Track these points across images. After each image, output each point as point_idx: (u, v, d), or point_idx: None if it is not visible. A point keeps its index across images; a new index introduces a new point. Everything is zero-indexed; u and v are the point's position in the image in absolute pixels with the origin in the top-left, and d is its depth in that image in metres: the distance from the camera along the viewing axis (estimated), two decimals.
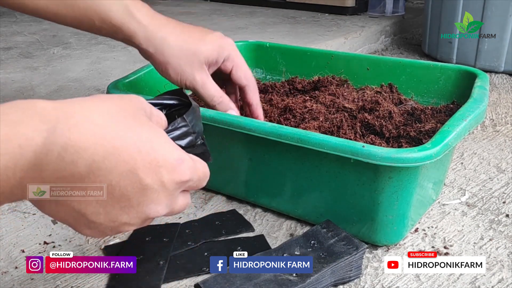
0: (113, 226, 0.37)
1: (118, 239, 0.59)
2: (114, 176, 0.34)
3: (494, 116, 0.98)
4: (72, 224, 0.37)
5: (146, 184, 0.35)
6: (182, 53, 0.55)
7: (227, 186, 0.67)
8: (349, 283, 0.51)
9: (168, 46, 0.55)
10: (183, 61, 0.55)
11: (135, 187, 0.35)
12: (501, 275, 0.52)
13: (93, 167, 0.33)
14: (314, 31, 1.48)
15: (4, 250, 0.57)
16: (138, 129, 0.35)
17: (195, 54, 0.55)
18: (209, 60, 0.57)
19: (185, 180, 0.37)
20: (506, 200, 0.67)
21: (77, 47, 1.27)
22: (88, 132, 0.32)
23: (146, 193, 0.36)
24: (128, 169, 0.34)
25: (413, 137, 0.60)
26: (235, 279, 0.48)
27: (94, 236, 0.38)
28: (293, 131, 0.53)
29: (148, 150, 0.35)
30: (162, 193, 0.37)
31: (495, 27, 1.20)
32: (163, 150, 0.36)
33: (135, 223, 0.38)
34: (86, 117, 0.33)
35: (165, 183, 0.36)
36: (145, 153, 0.35)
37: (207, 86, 0.57)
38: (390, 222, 0.54)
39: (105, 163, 0.33)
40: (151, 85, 0.77)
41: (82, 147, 0.32)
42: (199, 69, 0.56)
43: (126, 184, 0.35)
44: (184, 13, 1.84)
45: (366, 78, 0.79)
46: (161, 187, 0.36)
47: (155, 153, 0.35)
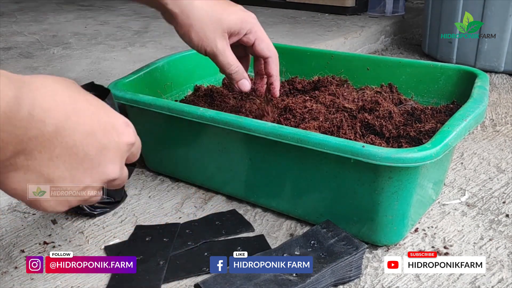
0: (77, 191, 0.39)
1: (118, 239, 0.59)
2: (77, 136, 0.37)
3: (494, 116, 0.98)
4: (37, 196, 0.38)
5: (104, 144, 0.39)
6: (207, 18, 0.56)
7: (227, 186, 0.67)
8: (349, 283, 0.51)
9: (194, 9, 0.55)
10: (207, 27, 0.56)
11: (96, 147, 0.39)
12: (501, 275, 0.52)
13: (59, 126, 0.36)
14: (314, 31, 1.48)
15: (4, 250, 0.57)
16: (88, 97, 0.39)
17: (219, 21, 0.56)
18: (231, 31, 0.57)
19: (132, 142, 0.41)
20: (506, 200, 0.67)
21: (77, 47, 1.27)
22: (49, 95, 0.36)
23: (105, 153, 0.39)
24: (88, 131, 0.38)
25: (413, 137, 0.60)
26: (235, 279, 0.48)
27: (56, 209, 0.40)
28: (293, 131, 0.53)
29: (102, 114, 0.39)
30: (117, 152, 0.40)
31: (495, 27, 1.20)
32: (113, 115, 0.40)
33: (96, 186, 0.40)
34: (45, 84, 0.36)
35: (119, 144, 0.40)
36: (99, 116, 0.39)
37: (226, 53, 0.58)
38: (390, 222, 0.54)
39: (69, 123, 0.37)
40: (151, 85, 0.77)
41: (47, 107, 0.35)
42: (221, 37, 0.57)
43: (88, 144, 0.38)
44: None
45: (366, 78, 0.79)
46: (116, 147, 0.40)
47: (107, 116, 0.40)
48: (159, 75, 0.79)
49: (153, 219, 0.63)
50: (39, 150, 0.36)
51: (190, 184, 0.72)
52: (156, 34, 1.43)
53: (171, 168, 0.73)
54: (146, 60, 1.01)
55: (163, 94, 0.78)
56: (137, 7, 1.95)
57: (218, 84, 0.87)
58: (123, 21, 1.66)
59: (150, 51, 1.23)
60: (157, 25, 1.58)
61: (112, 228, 0.62)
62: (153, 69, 0.78)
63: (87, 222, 0.63)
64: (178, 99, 0.81)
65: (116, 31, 1.49)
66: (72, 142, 0.37)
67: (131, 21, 1.66)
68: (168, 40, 1.35)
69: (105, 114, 0.40)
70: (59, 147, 0.37)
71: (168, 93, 0.80)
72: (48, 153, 0.37)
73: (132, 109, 0.69)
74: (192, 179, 0.71)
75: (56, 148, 0.37)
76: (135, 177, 0.75)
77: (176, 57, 0.82)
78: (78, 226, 0.62)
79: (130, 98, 0.66)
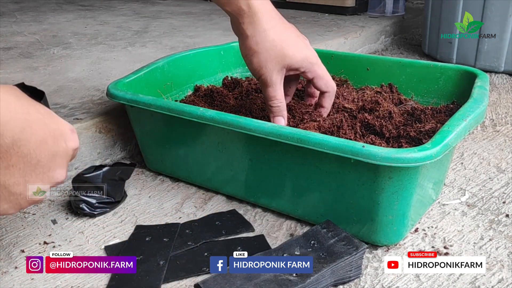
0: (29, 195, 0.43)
1: (118, 239, 0.59)
2: (31, 145, 0.41)
3: (494, 116, 0.98)
4: None
5: (55, 150, 0.43)
6: (273, 52, 0.58)
7: (227, 186, 0.67)
8: (349, 283, 0.51)
9: (265, 39, 0.58)
10: (270, 58, 0.58)
11: (47, 154, 0.42)
12: (501, 275, 0.52)
13: (15, 138, 0.40)
14: (314, 31, 1.48)
15: (4, 250, 0.57)
16: (36, 105, 0.42)
17: (283, 57, 0.58)
18: (291, 67, 0.60)
19: (76, 146, 0.45)
20: (506, 200, 0.67)
21: (77, 47, 1.27)
22: (3, 108, 0.39)
23: (55, 159, 0.43)
24: (40, 139, 0.41)
25: (413, 137, 0.60)
26: (235, 279, 0.48)
27: (8, 212, 0.43)
28: (293, 131, 0.53)
29: (50, 122, 0.43)
30: (65, 158, 0.45)
31: (495, 27, 1.20)
32: (60, 122, 0.44)
33: (45, 189, 0.44)
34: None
35: (67, 149, 0.44)
36: (49, 124, 0.42)
37: (277, 87, 0.60)
38: (390, 222, 0.54)
39: (24, 134, 0.40)
40: (151, 85, 0.77)
41: (4, 120, 0.38)
42: (279, 71, 0.59)
43: (41, 152, 0.42)
44: (184, 13, 1.84)
45: (366, 78, 0.79)
46: (64, 153, 0.44)
47: (55, 124, 0.43)
48: (159, 75, 0.79)
49: (153, 219, 0.63)
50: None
51: (190, 184, 0.72)
52: (156, 34, 1.43)
53: (171, 168, 0.73)
54: (146, 60, 1.01)
55: (163, 94, 0.78)
56: (137, 7, 1.95)
57: (218, 84, 0.87)
58: (123, 21, 1.66)
59: (150, 51, 1.23)
60: (157, 25, 1.58)
61: (112, 228, 0.62)
62: (153, 69, 0.78)
63: (87, 222, 0.63)
64: (178, 99, 0.81)
65: (116, 31, 1.49)
66: (27, 151, 0.41)
67: (131, 21, 1.66)
68: (168, 40, 1.35)
69: (53, 122, 0.43)
70: (15, 156, 0.40)
71: (168, 93, 0.80)
72: (5, 162, 0.40)
73: (132, 109, 0.69)
74: (192, 179, 0.71)
75: (12, 158, 0.40)
76: (135, 177, 0.75)
77: (176, 57, 0.82)
78: (78, 226, 0.62)
79: (130, 98, 0.66)
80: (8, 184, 0.41)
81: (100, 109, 0.80)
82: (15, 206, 0.43)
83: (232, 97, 0.78)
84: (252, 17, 0.58)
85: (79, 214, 0.64)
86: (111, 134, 0.79)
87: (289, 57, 0.58)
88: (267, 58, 0.58)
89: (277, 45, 0.58)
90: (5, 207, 0.43)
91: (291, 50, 0.58)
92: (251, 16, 0.58)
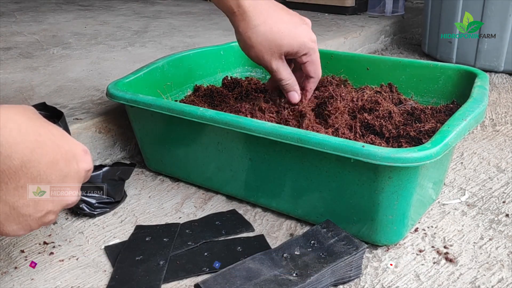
0: (39, 217, 0.42)
1: (118, 239, 0.59)
2: (42, 167, 0.40)
3: (494, 116, 0.98)
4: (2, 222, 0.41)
5: (66, 172, 0.42)
6: (267, 44, 0.60)
7: (227, 186, 0.67)
8: (349, 283, 0.51)
9: (257, 35, 0.60)
10: (265, 50, 0.61)
11: (58, 176, 0.42)
12: (501, 275, 0.52)
13: (24, 159, 0.39)
14: (314, 31, 1.47)
15: (4, 250, 0.57)
16: (49, 126, 0.42)
17: (278, 47, 0.60)
18: (289, 53, 0.62)
19: (89, 168, 0.45)
20: (506, 199, 0.67)
21: (77, 47, 1.27)
22: (14, 130, 0.38)
23: (66, 181, 0.43)
24: (51, 161, 0.41)
25: (413, 137, 0.60)
26: (235, 279, 0.48)
27: (18, 233, 0.42)
28: (293, 131, 0.53)
29: (63, 143, 0.42)
30: (76, 179, 0.44)
31: (495, 27, 1.20)
32: (73, 143, 0.43)
33: (56, 210, 0.44)
34: (9, 117, 0.39)
35: (78, 171, 0.44)
36: (61, 146, 0.42)
37: (280, 71, 0.63)
38: (390, 222, 0.54)
39: (34, 156, 0.39)
40: (151, 85, 0.77)
41: (13, 142, 0.38)
42: (277, 58, 0.61)
43: (51, 173, 0.41)
44: (183, 13, 1.84)
45: (366, 78, 0.79)
46: (76, 175, 0.43)
47: (68, 145, 0.43)
48: (159, 75, 0.79)
49: (153, 219, 0.63)
50: (5, 182, 0.39)
51: (190, 184, 0.72)
52: (156, 34, 1.43)
53: (171, 168, 0.73)
54: (146, 60, 1.01)
55: (163, 94, 0.78)
56: (136, 7, 1.95)
57: (218, 84, 0.87)
58: (123, 21, 1.66)
59: (150, 51, 1.23)
60: (157, 25, 1.58)
61: (112, 228, 0.62)
62: (153, 69, 0.78)
63: (87, 222, 0.63)
64: (178, 99, 0.81)
65: (116, 31, 1.48)
66: (37, 172, 0.40)
67: (131, 21, 1.66)
68: (168, 40, 1.35)
69: (66, 143, 0.43)
70: (24, 177, 0.40)
71: (168, 93, 0.80)
72: (14, 183, 0.39)
73: (132, 109, 0.69)
74: (192, 179, 0.71)
75: (21, 179, 0.39)
76: (135, 177, 0.75)
77: (176, 57, 0.82)
78: (78, 226, 0.62)
79: (130, 98, 0.66)
80: (17, 206, 0.40)
81: (100, 109, 0.80)
82: (24, 227, 0.42)
83: (232, 97, 0.78)
84: (242, 14, 0.60)
85: (79, 214, 0.64)
86: (111, 134, 0.79)
87: (285, 46, 0.60)
88: (262, 51, 0.61)
89: (270, 38, 0.60)
90: (14, 228, 0.42)
91: (286, 40, 0.60)
92: (241, 14, 0.60)
